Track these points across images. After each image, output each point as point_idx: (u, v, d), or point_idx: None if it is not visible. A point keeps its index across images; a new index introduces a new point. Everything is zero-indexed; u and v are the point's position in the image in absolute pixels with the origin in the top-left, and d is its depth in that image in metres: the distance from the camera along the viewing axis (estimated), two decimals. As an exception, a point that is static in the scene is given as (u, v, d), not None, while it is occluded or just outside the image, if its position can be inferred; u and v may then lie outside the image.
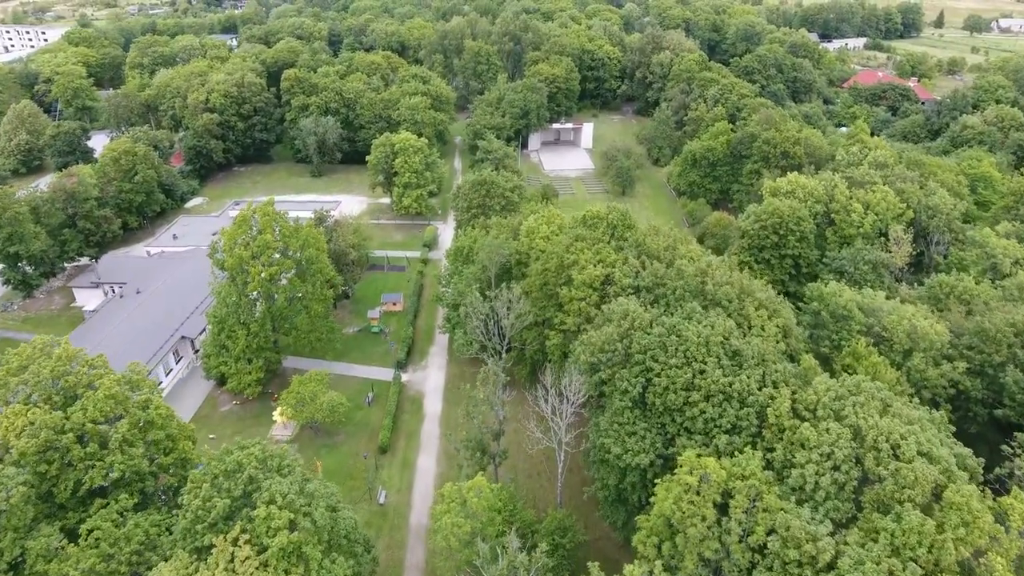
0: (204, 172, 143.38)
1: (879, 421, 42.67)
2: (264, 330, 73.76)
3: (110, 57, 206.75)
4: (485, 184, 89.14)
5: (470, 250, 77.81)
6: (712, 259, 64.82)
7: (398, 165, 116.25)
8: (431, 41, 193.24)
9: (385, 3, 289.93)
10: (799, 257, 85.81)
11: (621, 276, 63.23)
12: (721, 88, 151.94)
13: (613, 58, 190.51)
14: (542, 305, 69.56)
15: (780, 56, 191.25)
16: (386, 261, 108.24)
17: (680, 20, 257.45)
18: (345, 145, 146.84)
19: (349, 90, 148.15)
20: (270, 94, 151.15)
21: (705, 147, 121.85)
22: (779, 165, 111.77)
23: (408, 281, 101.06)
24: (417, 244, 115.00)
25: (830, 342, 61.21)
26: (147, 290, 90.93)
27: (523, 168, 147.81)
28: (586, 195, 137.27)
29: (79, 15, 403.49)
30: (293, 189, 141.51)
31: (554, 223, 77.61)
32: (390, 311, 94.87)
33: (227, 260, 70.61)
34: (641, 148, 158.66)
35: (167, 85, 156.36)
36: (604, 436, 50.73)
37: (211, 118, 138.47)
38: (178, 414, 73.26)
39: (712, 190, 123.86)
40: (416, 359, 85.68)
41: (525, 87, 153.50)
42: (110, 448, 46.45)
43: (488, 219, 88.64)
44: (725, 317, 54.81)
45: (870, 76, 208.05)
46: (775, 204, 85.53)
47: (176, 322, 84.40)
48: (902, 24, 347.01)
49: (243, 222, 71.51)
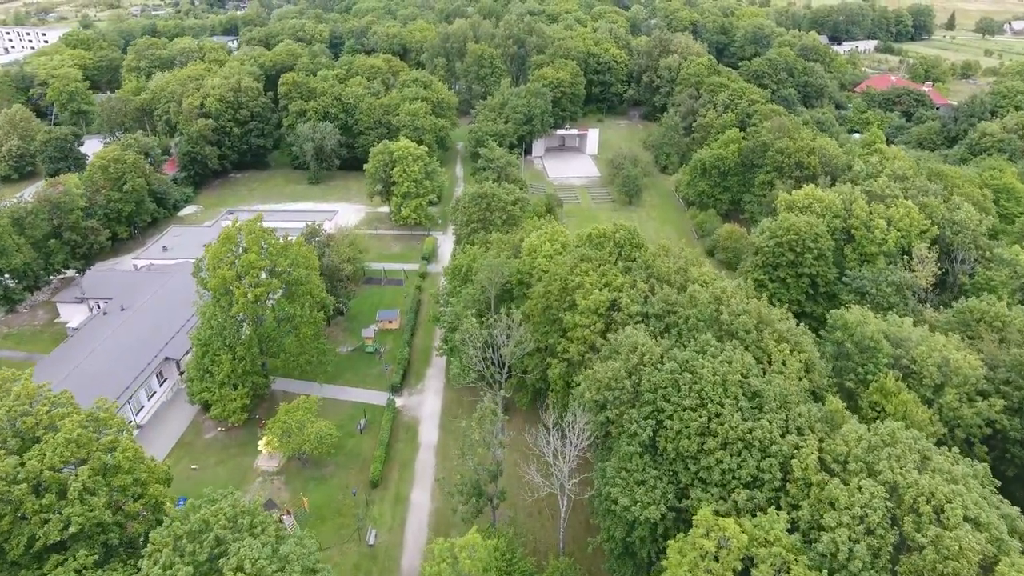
0: (199, 179, 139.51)
1: (918, 478, 38.22)
2: (251, 354, 69.69)
3: (107, 60, 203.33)
4: (485, 197, 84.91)
5: (469, 269, 73.56)
6: (727, 284, 60.40)
7: (396, 174, 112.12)
8: (433, 44, 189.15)
9: (388, 4, 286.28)
10: (817, 276, 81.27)
11: (628, 302, 58.90)
12: (731, 93, 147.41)
13: (620, 62, 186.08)
14: (544, 330, 65.28)
15: (791, 60, 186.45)
16: (383, 275, 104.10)
17: (688, 22, 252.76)
18: (343, 151, 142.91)
19: (348, 95, 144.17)
20: (267, 99, 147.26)
21: (715, 156, 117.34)
22: (793, 176, 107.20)
23: (405, 297, 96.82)
24: (416, 256, 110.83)
25: (855, 376, 56.69)
26: (132, 306, 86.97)
27: (526, 175, 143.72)
28: (591, 204, 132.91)
29: (81, 16, 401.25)
30: (289, 197, 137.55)
31: (558, 240, 73.29)
32: (386, 329, 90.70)
33: (211, 280, 66.57)
34: (648, 155, 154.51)
35: (162, 89, 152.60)
36: (610, 484, 46.39)
37: (206, 124, 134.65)
38: (154, 450, 70.02)
39: (722, 200, 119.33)
40: (412, 382, 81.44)
41: (529, 92, 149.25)
42: (69, 498, 42.33)
43: (488, 234, 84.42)
44: (743, 351, 50.43)
45: (883, 80, 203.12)
46: (791, 220, 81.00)
47: (161, 342, 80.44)
48: (913, 26, 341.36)
49: (228, 240, 67.43)
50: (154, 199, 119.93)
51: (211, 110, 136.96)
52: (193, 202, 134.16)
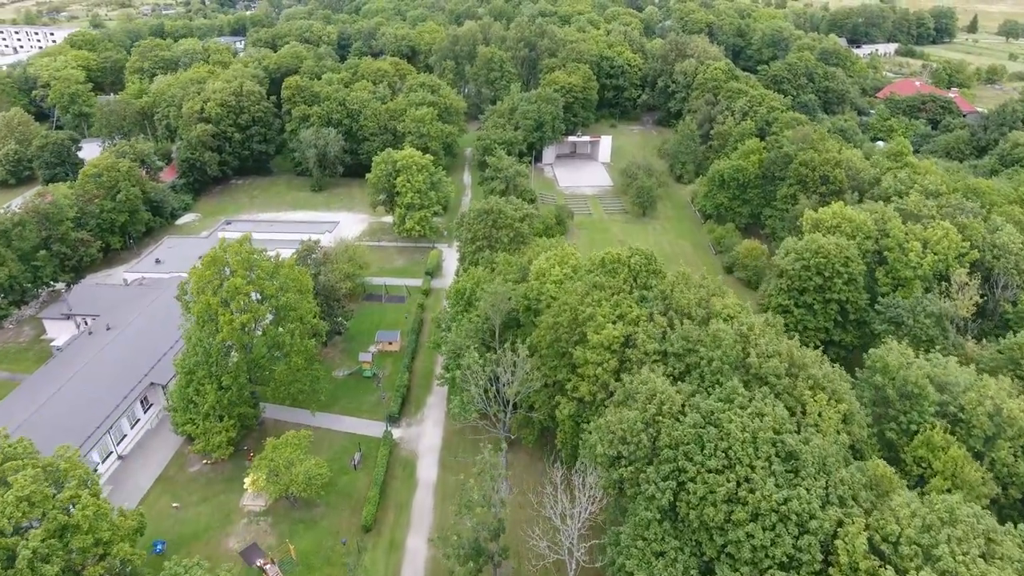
0: (198, 186, 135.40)
1: (985, 568, 32.79)
2: (238, 383, 64.99)
3: (111, 61, 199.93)
4: (491, 214, 79.82)
5: (472, 293, 68.55)
6: (754, 320, 54.97)
7: (400, 184, 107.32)
8: (442, 47, 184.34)
9: (398, 5, 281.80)
10: (846, 302, 75.66)
11: (645, 338, 53.66)
12: (749, 100, 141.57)
13: (633, 65, 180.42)
14: (553, 364, 60.19)
15: (811, 65, 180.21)
16: (384, 291, 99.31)
17: (703, 24, 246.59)
18: (347, 158, 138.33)
19: (353, 100, 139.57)
20: (270, 103, 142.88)
21: (734, 167, 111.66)
22: (818, 190, 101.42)
23: (406, 317, 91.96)
24: (419, 271, 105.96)
25: (898, 425, 51.11)
26: (119, 325, 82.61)
27: (536, 184, 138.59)
28: (603, 215, 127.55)
29: (91, 15, 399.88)
30: (291, 205, 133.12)
31: (568, 264, 68.14)
32: (385, 351, 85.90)
33: (195, 306, 61.96)
34: (662, 163, 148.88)
35: (164, 92, 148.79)
36: (625, 555, 41.27)
37: (205, 129, 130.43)
38: (134, 484, 65.78)
39: (742, 214, 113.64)
40: (411, 410, 76.51)
41: (540, 98, 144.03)
42: (17, 567, 37.70)
43: (494, 252, 79.36)
44: (774, 401, 45.09)
45: (907, 86, 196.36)
46: (819, 242, 75.37)
47: (146, 365, 76.02)
48: (934, 29, 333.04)
49: (213, 262, 62.76)
50: (150, 208, 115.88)
51: (211, 115, 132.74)
52: (192, 210, 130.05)
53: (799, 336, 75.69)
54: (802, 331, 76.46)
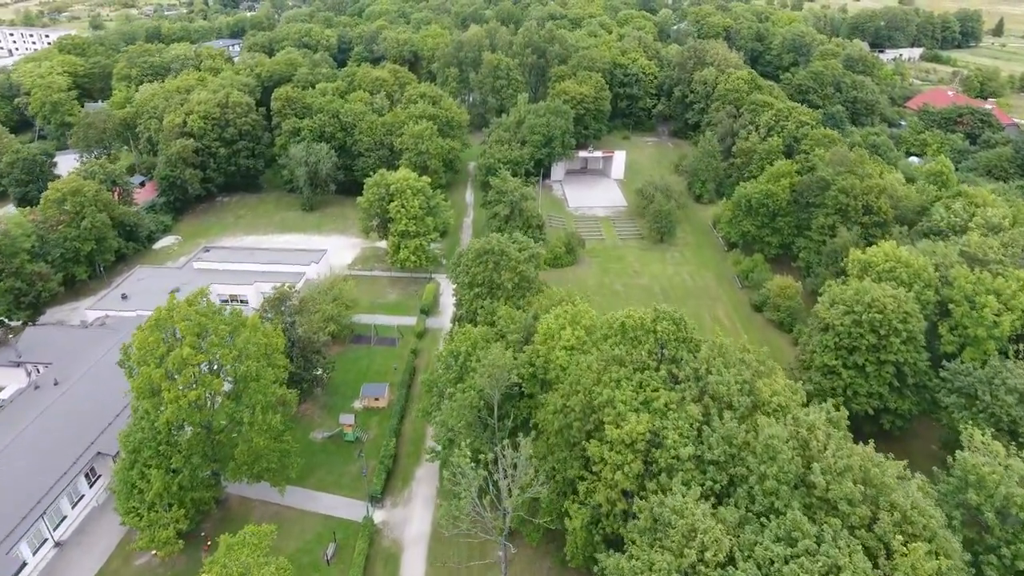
0: (180, 205, 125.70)
1: None
2: (191, 464, 55.01)
3: (100, 66, 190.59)
4: (492, 255, 69.43)
5: (468, 357, 58.22)
6: (813, 416, 44.30)
7: (393, 210, 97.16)
8: (445, 53, 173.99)
9: (402, 8, 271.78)
10: (904, 363, 64.91)
11: (676, 438, 43.21)
12: (776, 114, 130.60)
13: (648, 73, 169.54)
14: (562, 456, 49.83)
15: (838, 73, 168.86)
16: (374, 331, 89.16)
17: (721, 28, 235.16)
18: (340, 175, 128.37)
19: (347, 112, 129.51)
20: (259, 115, 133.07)
21: (763, 192, 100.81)
22: (859, 221, 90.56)
23: (395, 369, 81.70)
24: (413, 307, 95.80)
25: (999, 560, 40.32)
26: (70, 377, 72.94)
27: (544, 203, 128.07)
28: (617, 241, 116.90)
29: (91, 16, 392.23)
30: (279, 226, 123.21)
31: (580, 323, 57.72)
32: (372, 407, 75.78)
33: (135, 380, 52.03)
34: (680, 180, 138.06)
35: (146, 102, 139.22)
36: None
37: (187, 144, 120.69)
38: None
39: (771, 244, 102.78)
40: (397, 486, 66.27)
41: (548, 110, 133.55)
42: None
43: (495, 300, 69.02)
44: (849, 541, 34.55)
45: (940, 96, 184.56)
46: (873, 293, 64.56)
47: (95, 429, 66.16)
48: (960, 33, 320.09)
49: (158, 326, 52.78)
50: (123, 232, 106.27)
51: (193, 129, 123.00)
52: (172, 232, 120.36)
53: (848, 401, 65.95)
54: (852, 396, 65.89)
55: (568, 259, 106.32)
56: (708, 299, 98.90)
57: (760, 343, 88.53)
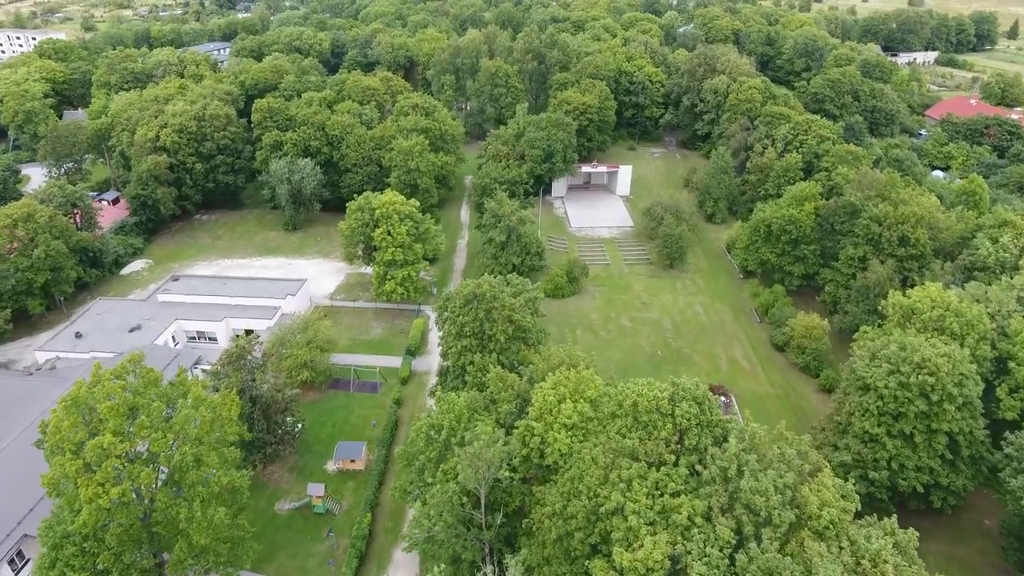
0: (153, 225, 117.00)
1: None
2: (121, 565, 46.13)
3: (80, 72, 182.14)
4: (484, 301, 60.56)
5: (451, 433, 49.34)
6: (876, 543, 35.31)
7: (378, 237, 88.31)
8: (441, 59, 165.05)
9: (399, 9, 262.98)
10: (959, 432, 55.95)
11: (703, 572, 34.28)
12: (793, 127, 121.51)
13: (655, 81, 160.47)
14: (561, 573, 40.93)
15: (856, 81, 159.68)
16: (353, 375, 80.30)
17: (729, 31, 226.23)
18: (326, 193, 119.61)
19: (334, 124, 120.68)
20: (240, 127, 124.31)
21: (785, 218, 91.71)
22: (893, 253, 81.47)
23: (374, 425, 72.78)
24: (399, 345, 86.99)
25: None
26: (5, 436, 64.26)
27: (544, 222, 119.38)
28: (623, 267, 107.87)
29: (83, 18, 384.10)
30: (259, 248, 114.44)
31: (584, 395, 48.84)
32: (347, 469, 66.98)
33: (48, 473, 43.29)
34: (690, 197, 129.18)
35: (121, 113, 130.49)
36: None
37: (159, 160, 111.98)
38: None
39: (793, 274, 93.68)
40: (372, 571, 57.44)
41: (549, 122, 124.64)
42: None
43: (486, 354, 60.13)
44: None
45: (962, 104, 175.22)
46: (924, 352, 55.50)
47: (24, 506, 57.52)
48: (975, 35, 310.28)
49: (75, 405, 44.00)
50: (85, 259, 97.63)
51: (167, 144, 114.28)
52: (143, 255, 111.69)
53: (893, 475, 57.08)
54: (898, 470, 56.92)
55: (570, 289, 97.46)
56: (723, 336, 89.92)
57: (783, 388, 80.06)
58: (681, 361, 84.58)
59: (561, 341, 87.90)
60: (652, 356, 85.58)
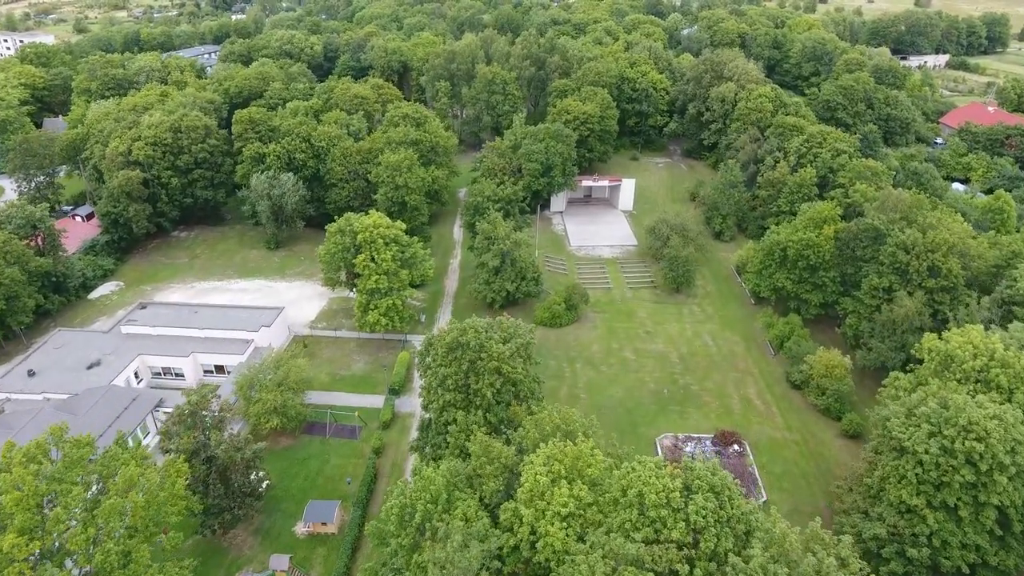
0: (126, 244, 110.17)
1: None
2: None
3: (62, 78, 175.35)
4: (468, 350, 53.53)
5: (425, 518, 42.27)
6: None
7: (361, 264, 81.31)
8: (435, 64, 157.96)
9: (396, 11, 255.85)
10: (1010, 507, 48.88)
11: None
12: (807, 140, 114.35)
13: (660, 88, 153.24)
14: None
15: (870, 88, 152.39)
16: (330, 418, 73.33)
17: (735, 35, 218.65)
18: (310, 209, 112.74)
19: (320, 136, 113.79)
20: (220, 138, 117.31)
21: (802, 242, 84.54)
22: (923, 284, 74.34)
23: (349, 482, 65.73)
24: (383, 382, 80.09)
25: None
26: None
27: (542, 239, 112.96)
28: (626, 291, 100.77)
29: (76, 19, 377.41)
30: (238, 269, 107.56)
31: (581, 477, 41.81)
32: (318, 533, 60.04)
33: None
34: (697, 212, 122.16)
35: (97, 123, 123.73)
36: None
37: (131, 176, 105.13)
38: None
39: (810, 303, 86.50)
40: (340, 662, 50.52)
41: (547, 134, 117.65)
42: None
43: (472, 411, 53.13)
44: None
45: (979, 112, 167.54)
46: (971, 414, 48.48)
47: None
48: (986, 38, 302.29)
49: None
50: (47, 284, 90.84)
51: (140, 158, 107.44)
52: (113, 276, 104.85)
53: (935, 552, 50.06)
54: (941, 547, 49.87)
55: (568, 317, 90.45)
56: (735, 371, 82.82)
57: (801, 433, 72.98)
58: (689, 400, 77.53)
59: (559, 376, 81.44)
60: (658, 394, 78.53)
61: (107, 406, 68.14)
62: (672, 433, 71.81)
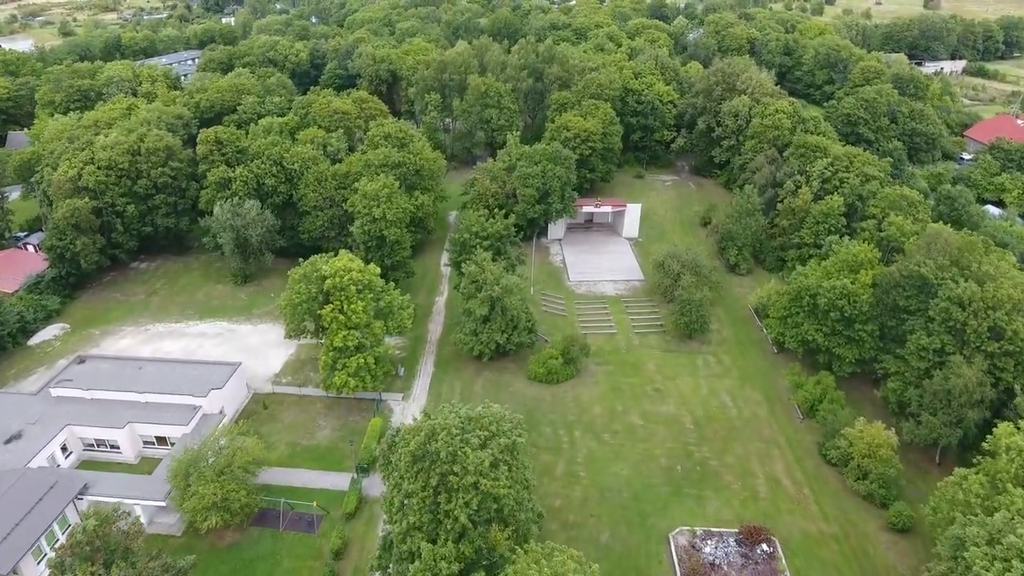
0: (75, 280, 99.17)
1: None
2: None
3: (28, 88, 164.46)
4: (437, 462, 42.35)
5: None
6: None
7: (327, 318, 70.22)
8: (425, 75, 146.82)
9: (388, 15, 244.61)
10: None
11: None
12: (832, 163, 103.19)
13: (666, 100, 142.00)
14: None
15: (894, 101, 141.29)
16: (284, 506, 62.22)
17: (744, 40, 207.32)
18: (280, 240, 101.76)
19: (293, 157, 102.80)
20: (183, 159, 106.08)
21: (836, 290, 73.32)
22: (983, 348, 63.16)
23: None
24: (350, 456, 68.96)
25: None
26: None
27: (538, 272, 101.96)
28: (632, 337, 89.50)
29: (61, 22, 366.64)
30: (199, 308, 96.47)
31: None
32: (258, 669, 48.99)
33: None
34: (709, 241, 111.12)
35: (51, 141, 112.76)
36: None
37: (80, 205, 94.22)
38: None
39: (845, 359, 75.20)
40: None
41: (545, 155, 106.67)
42: None
43: (439, 546, 41.99)
44: None
45: (1008, 125, 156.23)
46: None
47: None
48: (1004, 42, 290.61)
49: None
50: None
51: (90, 184, 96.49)
52: (59, 317, 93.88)
53: None
54: None
55: (566, 372, 79.33)
56: (759, 440, 71.65)
57: (840, 524, 61.70)
58: (707, 480, 66.38)
59: (556, 447, 70.40)
60: (670, 471, 67.41)
61: (16, 499, 57.16)
62: (688, 527, 60.62)
